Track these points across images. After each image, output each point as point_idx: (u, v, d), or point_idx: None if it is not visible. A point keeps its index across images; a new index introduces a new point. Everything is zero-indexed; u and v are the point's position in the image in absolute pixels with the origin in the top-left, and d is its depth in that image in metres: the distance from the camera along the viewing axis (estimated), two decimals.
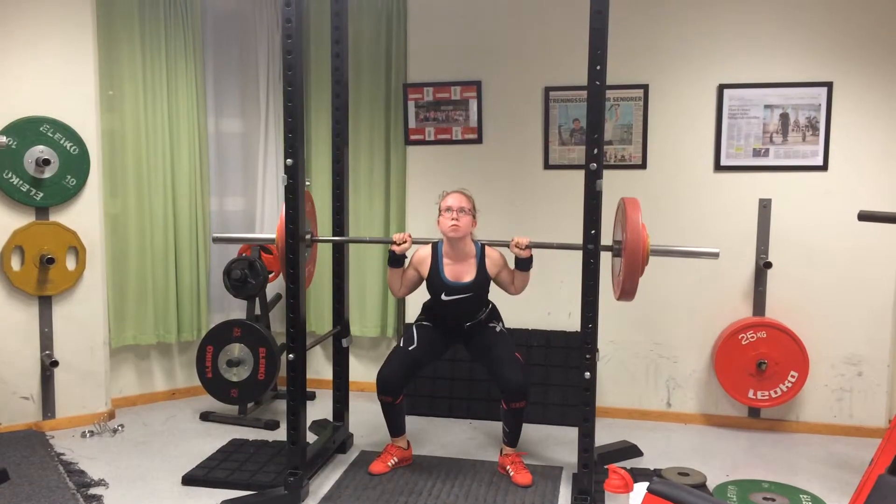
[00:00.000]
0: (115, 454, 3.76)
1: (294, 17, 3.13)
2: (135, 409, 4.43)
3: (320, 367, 4.83)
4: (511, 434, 3.51)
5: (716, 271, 4.17)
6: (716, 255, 3.28)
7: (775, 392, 4.03)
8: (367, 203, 4.62)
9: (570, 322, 4.25)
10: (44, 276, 3.98)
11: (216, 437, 3.97)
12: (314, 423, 4.04)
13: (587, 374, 3.12)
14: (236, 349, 4.17)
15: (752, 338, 4.03)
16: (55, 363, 4.00)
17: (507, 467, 3.49)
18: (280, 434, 3.94)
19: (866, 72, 3.96)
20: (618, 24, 3.34)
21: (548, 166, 4.35)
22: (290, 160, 3.20)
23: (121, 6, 4.21)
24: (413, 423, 4.05)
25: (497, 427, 3.70)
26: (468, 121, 4.43)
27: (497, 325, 3.58)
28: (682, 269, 4.20)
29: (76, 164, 4.02)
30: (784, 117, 4.05)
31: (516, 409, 3.43)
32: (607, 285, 3.31)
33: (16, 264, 3.94)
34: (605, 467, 2.93)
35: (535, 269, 3.47)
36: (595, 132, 3.02)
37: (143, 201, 4.34)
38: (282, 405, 4.37)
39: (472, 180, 4.01)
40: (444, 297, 3.47)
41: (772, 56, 4.05)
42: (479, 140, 4.43)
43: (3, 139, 3.66)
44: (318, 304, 4.75)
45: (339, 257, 3.81)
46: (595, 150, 3.02)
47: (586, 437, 3.16)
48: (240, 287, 4.23)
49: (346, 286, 3.84)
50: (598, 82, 3.00)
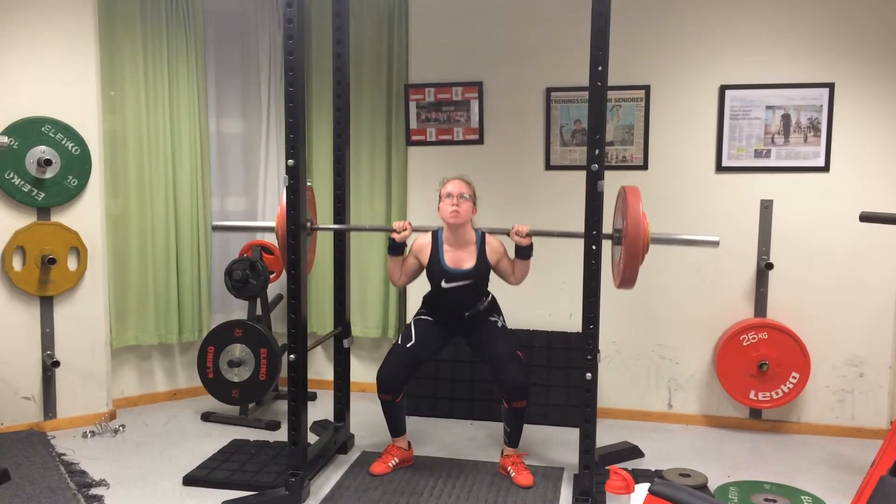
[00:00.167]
0: (116, 454, 3.76)
1: (295, 18, 3.13)
2: (136, 409, 4.43)
3: (321, 367, 4.83)
4: (512, 434, 3.51)
5: (717, 272, 4.18)
6: (716, 244, 3.29)
7: (777, 393, 4.03)
8: (367, 203, 4.62)
9: (572, 323, 4.24)
10: (45, 277, 3.98)
11: (217, 438, 3.97)
12: (315, 423, 4.04)
13: (588, 375, 3.12)
14: (237, 350, 4.18)
15: (754, 339, 4.03)
16: (56, 363, 4.00)
17: (509, 468, 3.49)
18: (281, 435, 3.94)
19: (868, 73, 3.95)
20: (619, 25, 3.34)
21: (549, 167, 4.34)
22: (291, 160, 3.20)
23: (122, 7, 4.21)
24: (414, 423, 4.05)
25: (498, 428, 3.69)
26: (469, 121, 4.43)
27: (498, 319, 3.57)
28: (683, 270, 4.20)
29: (78, 165, 4.02)
30: (786, 118, 4.05)
31: (517, 408, 3.43)
32: (608, 286, 3.31)
33: (17, 264, 3.94)
34: (607, 468, 2.92)
35: (536, 271, 3.46)
36: (596, 133, 3.02)
37: (144, 202, 4.34)
38: (283, 406, 4.37)
39: (473, 181, 4.00)
40: (443, 283, 3.44)
41: (773, 57, 4.04)
42: (480, 141, 4.43)
43: (5, 139, 3.67)
44: (320, 305, 4.75)
45: (341, 258, 3.80)
46: (596, 151, 3.02)
47: (587, 437, 3.16)
48: (241, 287, 4.23)
49: (348, 287, 3.84)
50: (599, 83, 3.00)
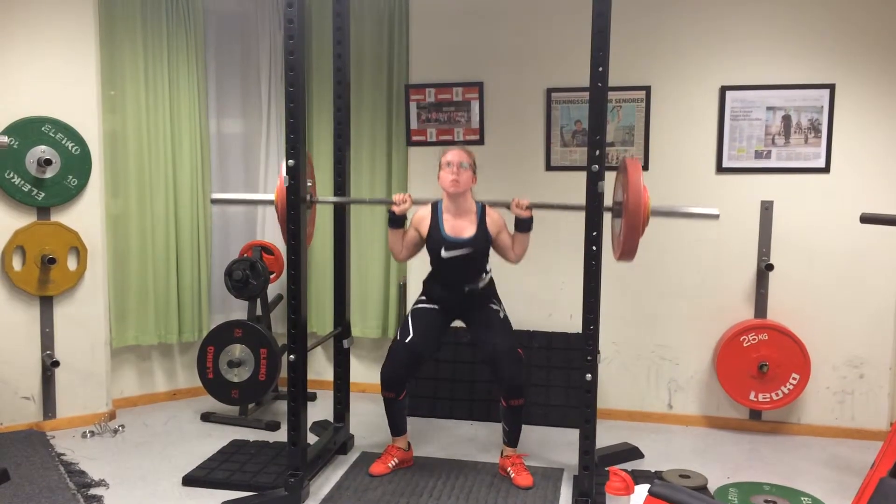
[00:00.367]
0: (115, 454, 3.76)
1: (296, 18, 3.13)
2: (135, 409, 4.43)
3: (321, 368, 4.83)
4: (511, 433, 3.50)
5: (717, 273, 4.17)
6: (716, 217, 3.30)
7: (777, 394, 4.03)
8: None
9: (572, 324, 4.24)
10: (45, 277, 3.98)
11: (217, 438, 3.96)
12: (315, 424, 4.04)
13: (588, 376, 3.11)
14: (237, 350, 4.17)
15: (754, 340, 4.02)
16: (56, 363, 4.00)
17: (508, 469, 3.49)
18: (281, 435, 3.94)
19: (869, 74, 3.95)
20: (620, 26, 3.34)
21: (549, 168, 4.34)
22: (291, 161, 3.20)
23: (123, 7, 4.21)
24: (414, 424, 4.05)
25: (498, 429, 3.69)
26: (470, 122, 4.42)
27: (499, 308, 3.51)
28: (683, 271, 4.20)
29: (78, 165, 4.02)
30: (786, 119, 4.04)
31: (515, 406, 3.42)
32: (609, 287, 3.30)
33: (17, 264, 3.94)
34: (606, 469, 2.92)
35: (536, 271, 3.48)
36: (597, 134, 3.02)
37: (144, 202, 4.34)
38: (282, 406, 4.37)
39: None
40: (443, 252, 3.38)
41: (774, 58, 4.04)
42: (480, 141, 4.42)
43: (5, 139, 3.66)
44: (320, 305, 4.74)
45: (341, 258, 3.80)
46: (597, 152, 3.02)
47: (587, 438, 3.16)
48: (241, 288, 4.23)
49: (348, 287, 3.84)
50: (600, 84, 3.00)
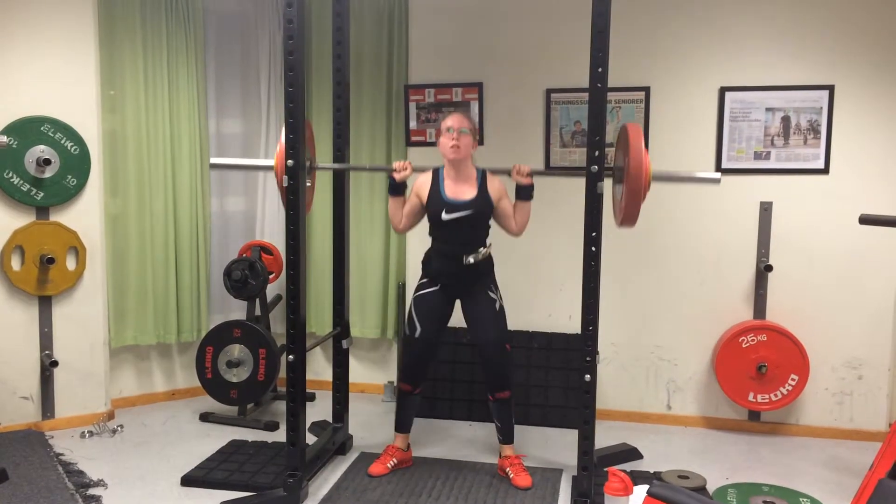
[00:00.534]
0: (114, 455, 3.76)
1: (295, 18, 3.13)
2: (134, 409, 4.43)
3: (320, 368, 4.83)
4: (504, 429, 3.51)
5: (716, 274, 4.17)
6: (717, 181, 3.28)
7: (775, 395, 4.03)
8: (367, 204, 4.62)
9: (571, 324, 4.24)
10: (44, 276, 3.97)
11: (216, 438, 3.96)
12: (314, 424, 4.03)
13: (587, 377, 3.11)
14: (236, 350, 4.17)
15: (753, 341, 4.02)
16: (55, 363, 4.00)
17: (507, 469, 3.49)
18: (279, 435, 3.93)
19: (868, 75, 3.95)
20: (619, 26, 3.34)
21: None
22: (291, 161, 3.20)
23: (122, 7, 4.20)
24: (413, 424, 4.04)
25: None
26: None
27: (496, 297, 3.47)
28: (682, 271, 4.20)
29: (77, 164, 4.02)
30: (785, 120, 4.04)
31: (501, 399, 3.44)
32: (608, 288, 3.30)
33: (16, 264, 3.94)
34: (605, 470, 2.92)
35: (536, 271, 3.47)
36: (596, 134, 3.02)
37: (143, 201, 4.34)
38: (281, 406, 4.36)
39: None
40: (444, 215, 3.34)
41: (773, 59, 4.04)
42: (480, 142, 4.40)
43: (4, 139, 3.66)
44: (319, 305, 4.74)
45: (340, 258, 3.80)
46: (596, 153, 3.02)
47: (586, 439, 3.16)
48: (240, 288, 4.22)
49: (347, 287, 3.84)
50: (599, 84, 3.00)
